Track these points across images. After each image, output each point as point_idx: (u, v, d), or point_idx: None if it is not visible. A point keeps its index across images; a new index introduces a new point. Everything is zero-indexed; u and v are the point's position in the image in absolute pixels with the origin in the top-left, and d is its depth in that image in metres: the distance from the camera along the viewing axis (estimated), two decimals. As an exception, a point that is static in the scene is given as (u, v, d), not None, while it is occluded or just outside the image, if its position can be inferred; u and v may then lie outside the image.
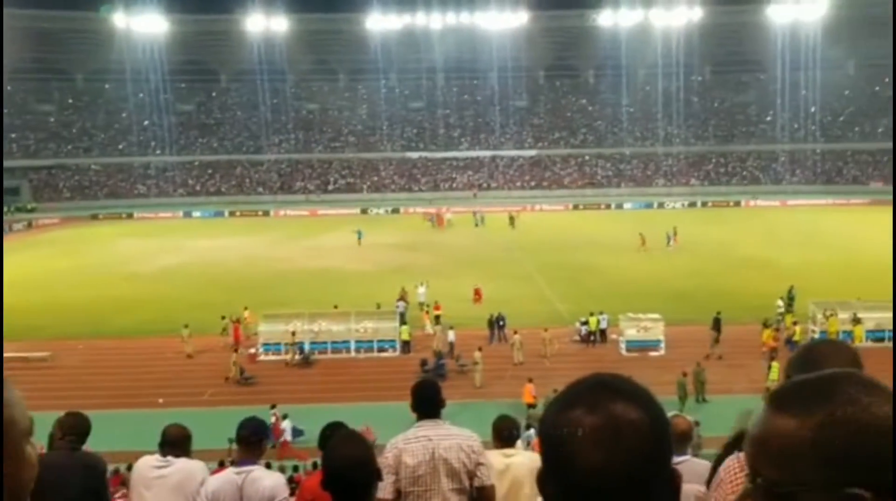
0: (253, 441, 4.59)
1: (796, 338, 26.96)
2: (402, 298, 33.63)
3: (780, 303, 31.89)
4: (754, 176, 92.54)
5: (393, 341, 29.39)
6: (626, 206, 79.32)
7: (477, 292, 36.26)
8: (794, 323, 28.70)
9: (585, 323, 30.08)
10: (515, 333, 28.08)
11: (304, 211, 79.39)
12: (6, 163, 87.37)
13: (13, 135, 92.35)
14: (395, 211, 79.70)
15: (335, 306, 31.52)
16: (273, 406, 21.31)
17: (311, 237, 59.50)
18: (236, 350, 27.21)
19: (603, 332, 29.83)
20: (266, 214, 78.04)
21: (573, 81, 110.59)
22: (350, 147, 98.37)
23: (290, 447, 20.18)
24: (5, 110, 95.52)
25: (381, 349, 29.11)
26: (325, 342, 29.20)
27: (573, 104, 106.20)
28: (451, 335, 28.21)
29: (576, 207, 79.05)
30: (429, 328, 30.39)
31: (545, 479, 1.24)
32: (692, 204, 79.75)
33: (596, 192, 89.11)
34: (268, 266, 46.99)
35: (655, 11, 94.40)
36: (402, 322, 30.31)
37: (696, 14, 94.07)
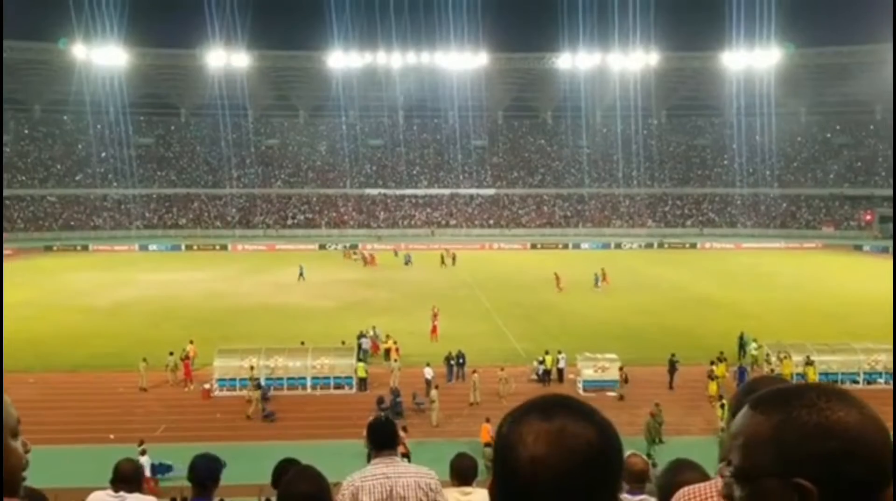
0: (207, 482, 4.62)
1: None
2: (365, 334, 33.66)
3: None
4: (710, 218, 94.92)
5: (349, 378, 29.27)
6: (584, 246, 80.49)
7: (434, 329, 36.42)
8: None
9: (542, 362, 30.34)
10: (475, 372, 28.21)
11: (263, 246, 78.90)
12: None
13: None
14: (354, 247, 79.59)
15: (302, 343, 31.18)
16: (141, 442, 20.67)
17: (269, 272, 59.15)
18: (258, 387, 26.35)
19: (560, 371, 30.08)
20: (224, 248, 77.37)
21: (532, 122, 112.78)
22: (309, 183, 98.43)
23: (150, 483, 19.84)
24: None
25: (337, 386, 28.96)
26: (281, 379, 28.95)
27: (532, 144, 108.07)
28: (429, 372, 28.14)
29: (534, 246, 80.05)
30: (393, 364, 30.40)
31: (495, 487, 1.27)
32: (649, 245, 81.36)
33: (554, 231, 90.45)
34: (225, 301, 46.58)
35: (613, 56, 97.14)
36: (360, 359, 30.25)
37: (653, 59, 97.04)
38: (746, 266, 63.53)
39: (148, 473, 19.69)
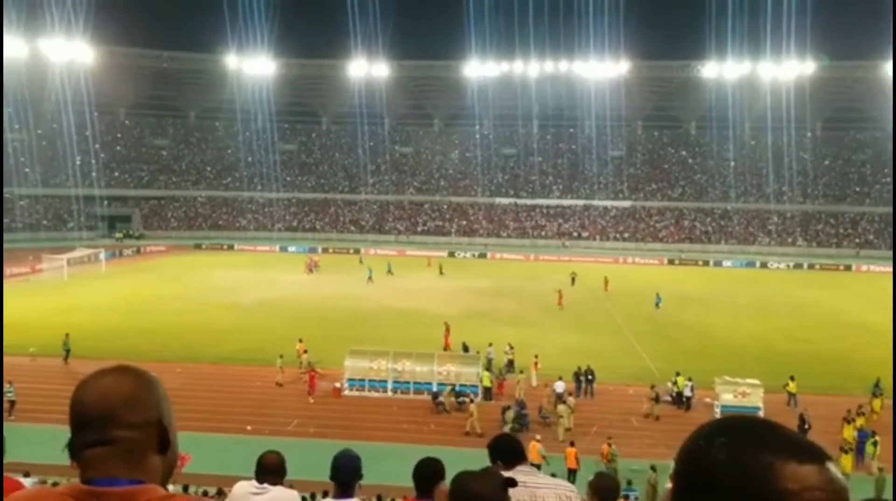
0: (350, 480, 4.49)
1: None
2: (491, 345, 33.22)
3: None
4: (868, 240, 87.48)
5: (475, 386, 28.92)
6: (727, 263, 76.47)
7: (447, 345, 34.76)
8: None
9: (675, 383, 28.82)
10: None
11: (394, 251, 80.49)
12: (121, 192, 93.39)
13: (128, 166, 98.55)
14: (483, 256, 79.72)
15: (467, 348, 32.17)
16: None
17: (398, 277, 60.11)
18: (471, 401, 26.32)
19: (688, 399, 28.19)
20: (357, 252, 79.58)
21: (673, 132, 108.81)
22: (441, 190, 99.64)
23: None
24: (124, 143, 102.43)
25: (462, 394, 28.65)
26: (407, 382, 29.06)
27: (672, 156, 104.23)
28: (560, 386, 27.49)
29: (671, 261, 76.83)
30: (533, 380, 29.80)
31: None
32: (798, 265, 75.89)
33: (693, 247, 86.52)
34: (356, 303, 47.72)
35: (764, 64, 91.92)
36: (487, 368, 29.86)
37: (808, 68, 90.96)
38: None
39: None
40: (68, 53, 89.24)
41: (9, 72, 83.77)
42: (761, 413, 26.41)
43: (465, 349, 32.70)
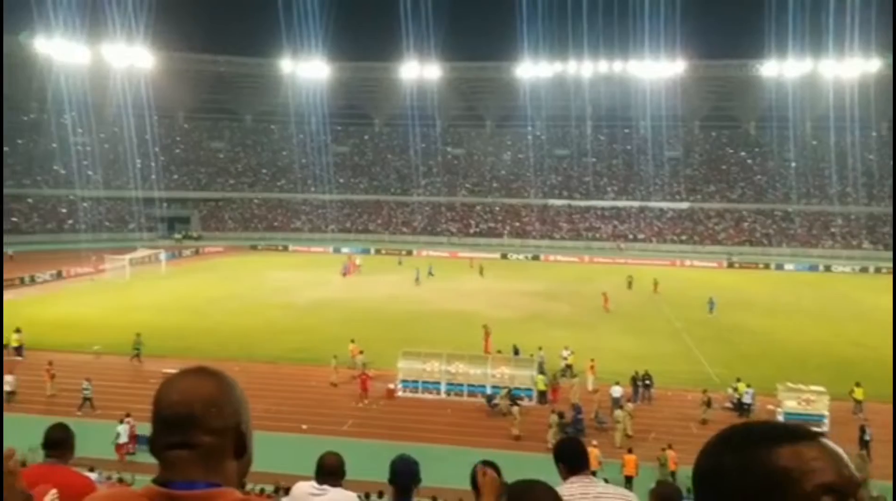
0: (410, 484, 4.45)
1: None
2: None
3: None
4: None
5: (529, 389, 28.60)
6: (788, 267, 74.37)
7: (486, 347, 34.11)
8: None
9: (735, 389, 28.10)
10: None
11: (445, 252, 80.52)
12: (181, 194, 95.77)
13: (187, 168, 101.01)
14: (535, 258, 79.13)
15: (498, 351, 31.95)
16: (128, 415, 22.42)
17: (450, 279, 60.04)
18: (554, 411, 25.52)
19: (747, 405, 27.37)
20: (409, 253, 79.86)
21: (732, 132, 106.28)
22: (493, 192, 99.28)
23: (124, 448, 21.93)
24: (183, 146, 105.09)
25: (517, 397, 28.30)
26: (461, 385, 28.91)
27: (731, 156, 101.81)
28: (617, 391, 27.20)
29: (730, 264, 74.97)
30: (589, 384, 29.39)
31: None
32: (864, 269, 73.20)
33: (754, 250, 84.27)
34: (407, 305, 47.82)
35: (825, 62, 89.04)
36: (541, 371, 29.49)
37: (872, 65, 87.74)
38: None
39: (124, 439, 21.93)
40: (129, 59, 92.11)
41: (72, 78, 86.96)
42: (826, 422, 25.57)
43: (516, 351, 32.34)
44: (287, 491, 5.06)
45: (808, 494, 1.13)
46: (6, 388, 26.21)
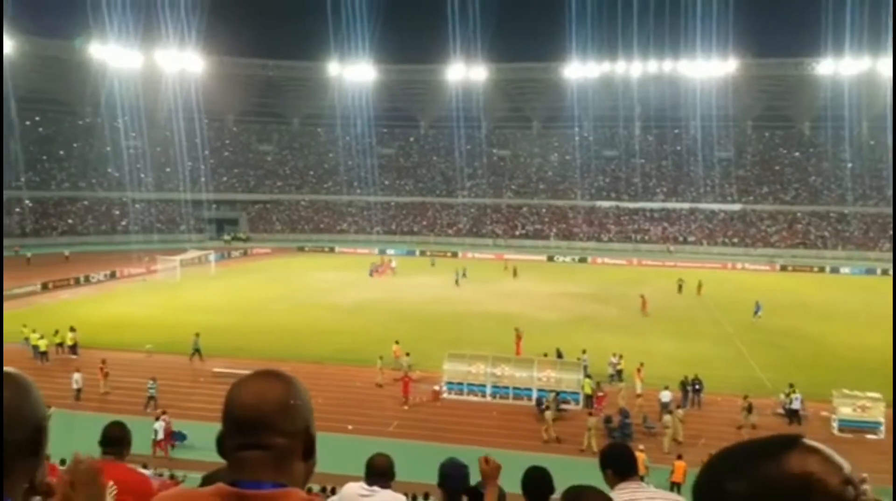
0: (459, 489, 4.45)
1: None
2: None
3: None
4: None
5: (576, 393, 28.28)
6: (844, 270, 72.34)
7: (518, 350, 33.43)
8: None
9: (788, 395, 27.35)
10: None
11: (491, 254, 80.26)
12: (229, 196, 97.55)
13: (236, 171, 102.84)
14: (583, 260, 78.33)
15: (544, 355, 31.45)
16: (164, 412, 23.11)
17: (494, 281, 59.84)
18: (591, 414, 25.50)
19: (795, 411, 26.69)
20: (455, 255, 79.83)
21: (786, 132, 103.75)
22: (539, 194, 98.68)
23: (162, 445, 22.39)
24: (232, 149, 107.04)
25: (563, 401, 28.06)
26: (506, 387, 28.74)
27: (785, 157, 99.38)
28: (666, 396, 26.75)
29: (783, 268, 73.13)
30: (637, 388, 28.99)
31: None
32: (923, 273, 70.62)
33: (808, 253, 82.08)
34: (451, 306, 47.79)
35: (883, 60, 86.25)
36: (587, 375, 29.14)
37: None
38: None
39: (161, 436, 22.32)
40: (180, 64, 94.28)
41: (125, 82, 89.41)
42: (882, 428, 24.96)
43: (559, 354, 31.97)
44: (334, 491, 5.06)
45: (834, 489, 1.13)
46: (74, 386, 27.00)
